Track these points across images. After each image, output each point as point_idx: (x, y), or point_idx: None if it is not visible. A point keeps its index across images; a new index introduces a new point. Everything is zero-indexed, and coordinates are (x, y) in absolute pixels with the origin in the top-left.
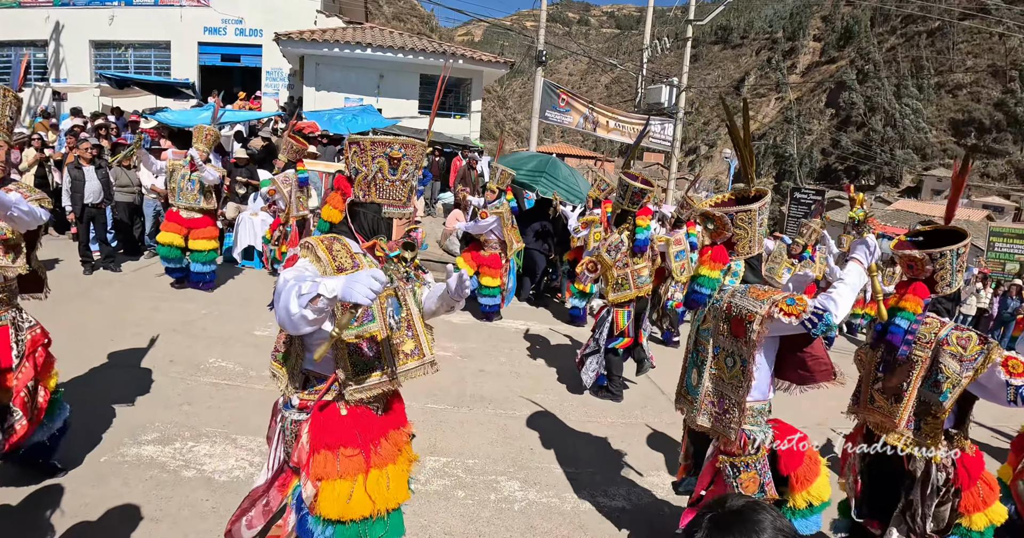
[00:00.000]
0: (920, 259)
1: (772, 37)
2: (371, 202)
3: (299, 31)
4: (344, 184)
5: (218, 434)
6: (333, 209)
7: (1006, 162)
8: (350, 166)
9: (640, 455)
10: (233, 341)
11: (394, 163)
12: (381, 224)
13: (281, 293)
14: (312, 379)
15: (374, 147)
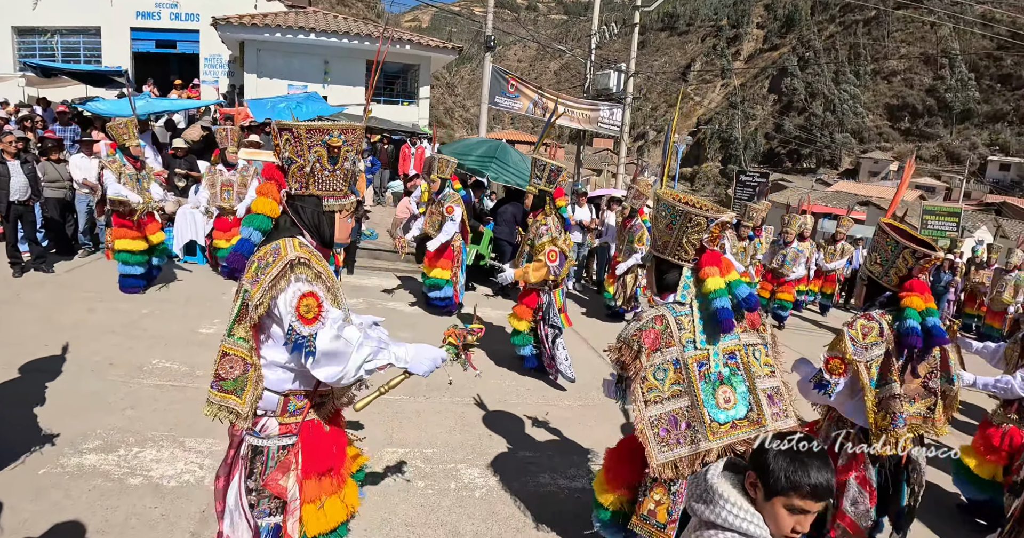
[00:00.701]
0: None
1: (717, 24)
2: (309, 195)
3: (238, 15)
4: (276, 173)
5: (164, 438)
6: (268, 201)
7: (937, 145)
8: (282, 155)
9: (599, 436)
10: (177, 340)
11: (333, 152)
12: (323, 219)
13: (345, 356)
14: (292, 398)
15: (310, 135)
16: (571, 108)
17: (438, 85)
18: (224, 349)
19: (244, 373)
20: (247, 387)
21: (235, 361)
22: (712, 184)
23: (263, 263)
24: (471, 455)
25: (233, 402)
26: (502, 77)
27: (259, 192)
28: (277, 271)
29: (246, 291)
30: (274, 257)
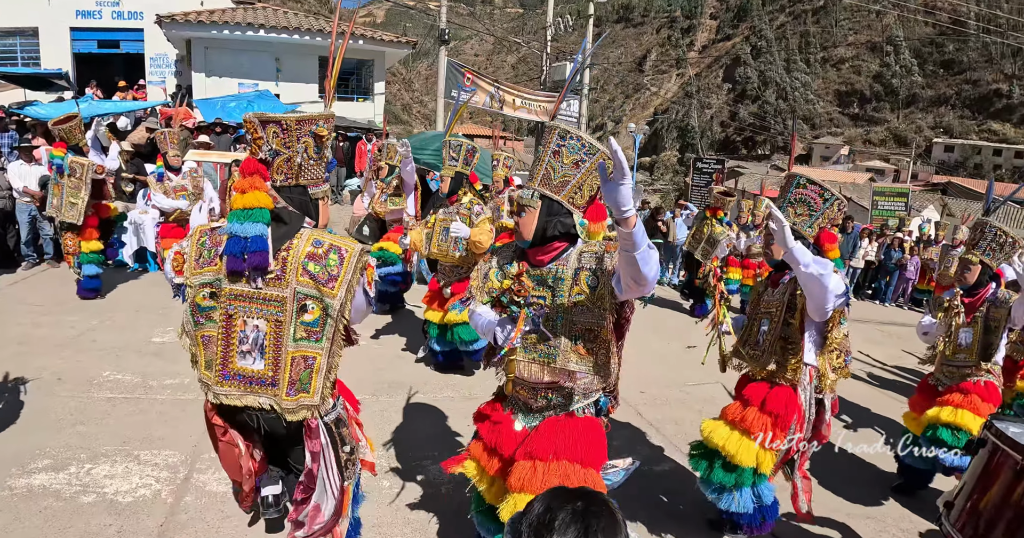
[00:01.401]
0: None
1: (671, 16)
2: (296, 186)
3: (184, 12)
4: (259, 166)
5: (118, 452)
6: (262, 194)
7: (885, 129)
8: (266, 148)
9: None
10: (129, 351)
11: (319, 141)
12: (310, 207)
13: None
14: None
15: (300, 126)
16: (528, 101)
17: (394, 81)
18: (291, 355)
19: (308, 368)
20: (313, 380)
21: (299, 361)
22: (671, 172)
23: (325, 262)
24: (437, 451)
25: (304, 398)
26: (458, 71)
27: (246, 187)
28: (354, 265)
29: (303, 293)
30: (338, 253)
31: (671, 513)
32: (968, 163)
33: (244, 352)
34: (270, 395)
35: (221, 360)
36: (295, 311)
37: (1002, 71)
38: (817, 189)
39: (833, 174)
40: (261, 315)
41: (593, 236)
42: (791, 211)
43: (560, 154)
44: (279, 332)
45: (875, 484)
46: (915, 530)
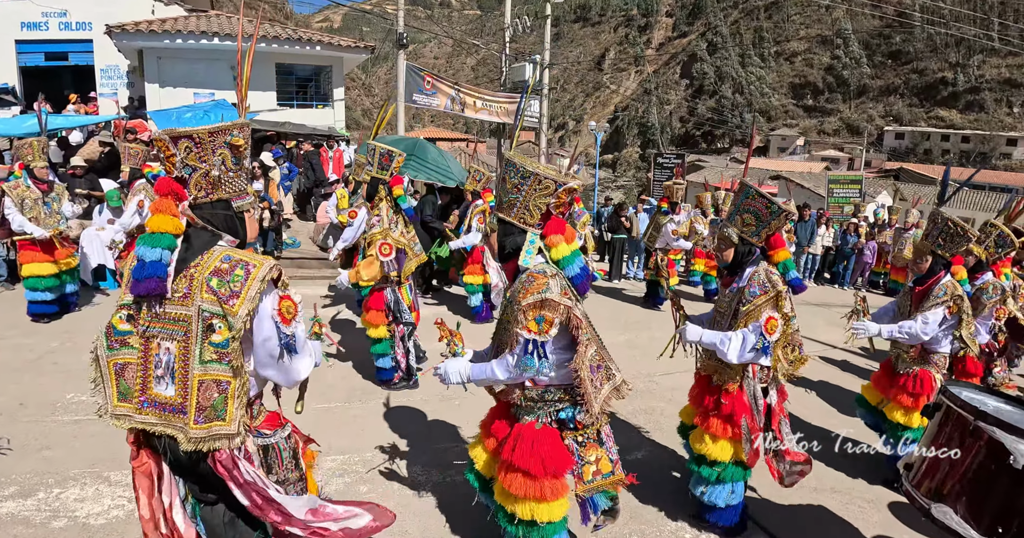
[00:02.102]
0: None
1: (628, 14)
2: (218, 200)
3: (135, 22)
4: (174, 186)
5: (87, 475)
6: (170, 219)
7: (838, 119)
8: (180, 165)
9: None
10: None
11: (236, 152)
12: (235, 221)
13: (310, 350)
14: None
15: (213, 138)
16: (489, 102)
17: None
18: (197, 378)
19: (222, 393)
20: (228, 406)
21: (210, 385)
22: (633, 169)
23: (229, 277)
24: (412, 452)
25: (218, 426)
26: (418, 74)
27: (156, 209)
28: (260, 281)
29: (207, 310)
30: (245, 269)
31: (647, 500)
32: (918, 149)
33: (159, 377)
34: (180, 424)
35: (140, 387)
36: (201, 331)
37: (946, 60)
38: (765, 202)
39: (790, 164)
40: (171, 336)
41: (552, 249)
42: (739, 219)
43: (505, 180)
44: (186, 354)
45: (840, 460)
46: (881, 501)
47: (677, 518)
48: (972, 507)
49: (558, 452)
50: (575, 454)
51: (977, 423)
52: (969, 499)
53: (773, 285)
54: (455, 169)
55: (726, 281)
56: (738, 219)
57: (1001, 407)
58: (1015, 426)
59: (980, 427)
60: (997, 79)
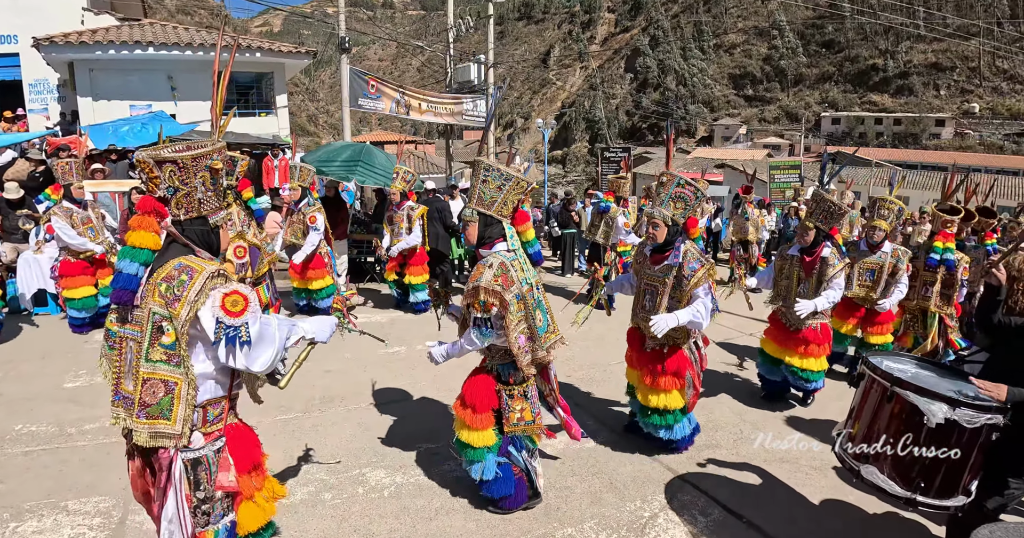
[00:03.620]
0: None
1: (571, 11)
2: (197, 217)
3: (63, 33)
4: (156, 205)
5: (44, 506)
6: (150, 235)
7: (777, 107)
8: (163, 186)
9: None
10: (41, 400)
11: (215, 174)
12: (211, 235)
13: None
14: (210, 407)
15: (196, 162)
16: (434, 104)
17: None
18: (143, 376)
19: (169, 394)
20: (175, 406)
21: (156, 385)
22: (582, 164)
23: (175, 282)
24: (374, 458)
25: (163, 425)
26: (361, 78)
27: (138, 226)
28: (200, 284)
29: (157, 313)
30: (188, 274)
31: (606, 484)
32: (854, 133)
33: (125, 373)
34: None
35: (114, 382)
36: (151, 332)
37: (877, 48)
38: (692, 188)
39: (734, 152)
40: (132, 336)
41: (523, 234)
42: (672, 205)
43: (487, 182)
44: (139, 352)
45: (785, 432)
46: (826, 467)
47: (636, 500)
48: (895, 465)
49: (485, 392)
50: (504, 402)
51: (894, 389)
52: (892, 458)
53: (705, 258)
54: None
55: (656, 258)
56: (671, 204)
57: (920, 372)
58: (927, 389)
59: (896, 392)
60: (924, 64)
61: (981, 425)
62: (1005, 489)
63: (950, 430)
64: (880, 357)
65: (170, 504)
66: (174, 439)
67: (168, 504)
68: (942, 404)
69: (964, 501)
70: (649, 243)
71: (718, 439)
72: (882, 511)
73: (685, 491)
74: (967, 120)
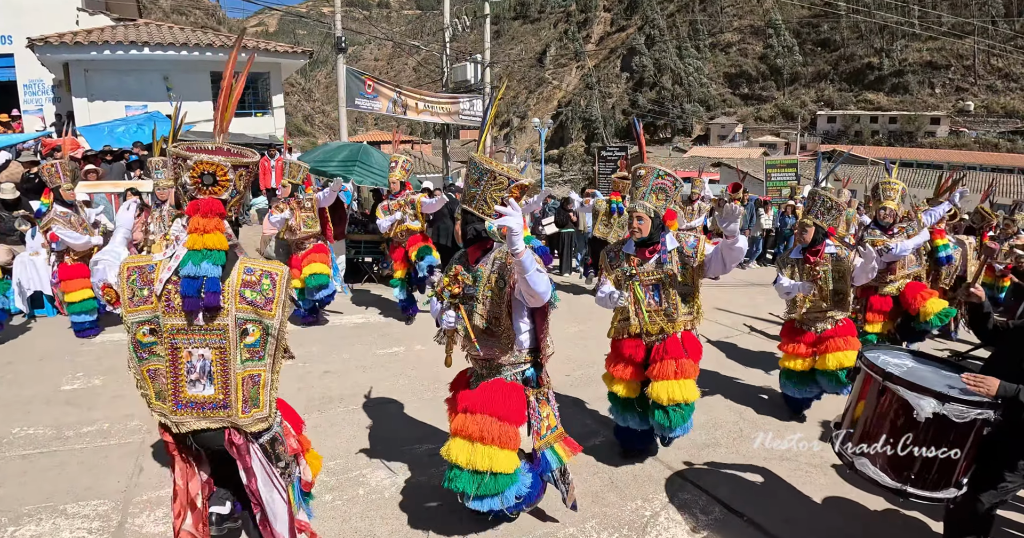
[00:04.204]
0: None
1: (567, 10)
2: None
3: (58, 34)
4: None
5: (43, 510)
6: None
7: (773, 106)
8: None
9: None
10: (38, 403)
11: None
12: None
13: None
14: None
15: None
16: (431, 104)
17: (293, 92)
18: (240, 377)
19: (255, 385)
20: (261, 394)
21: (247, 381)
22: (579, 163)
23: (259, 287)
24: (374, 459)
25: (257, 413)
26: (358, 78)
27: (209, 228)
28: (285, 286)
29: (241, 318)
30: (270, 277)
31: (607, 484)
32: (849, 131)
33: (193, 381)
34: (223, 416)
35: (172, 391)
36: (237, 336)
37: (872, 46)
38: (671, 179)
39: (730, 151)
40: (204, 344)
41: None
42: (654, 197)
43: (468, 176)
44: (225, 358)
45: (785, 431)
46: (826, 465)
47: (637, 499)
48: (888, 458)
49: (522, 401)
50: (535, 410)
51: (885, 383)
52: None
53: (696, 233)
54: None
55: (643, 254)
56: (652, 197)
57: (917, 367)
58: (916, 384)
59: (888, 387)
60: (919, 62)
61: (972, 420)
62: (1000, 483)
63: (942, 424)
64: (878, 351)
65: (261, 478)
66: (267, 421)
67: (259, 479)
68: (931, 399)
69: (955, 493)
70: (635, 238)
71: (718, 437)
72: (882, 508)
73: (686, 490)
74: (962, 118)
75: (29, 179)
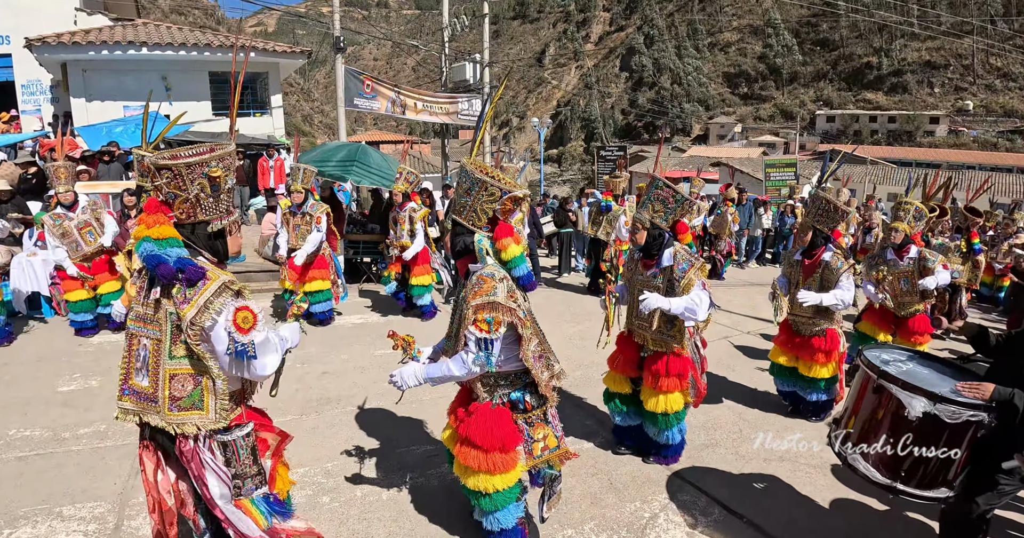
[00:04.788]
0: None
1: (566, 10)
2: (198, 221)
3: (56, 34)
4: (161, 206)
5: (39, 512)
6: (168, 227)
7: (772, 105)
8: (164, 191)
9: None
10: (35, 404)
11: (214, 181)
12: (216, 241)
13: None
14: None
15: (191, 170)
16: (430, 104)
17: (292, 91)
18: (169, 372)
19: (197, 386)
20: (205, 397)
21: (185, 379)
22: (578, 163)
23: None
24: (372, 460)
25: (197, 416)
26: (357, 78)
27: (151, 222)
28: (211, 292)
29: (173, 313)
30: (204, 283)
31: (605, 486)
32: (848, 131)
33: (138, 369)
34: (153, 410)
35: (123, 376)
36: (171, 331)
37: (871, 45)
38: (671, 191)
39: (729, 151)
40: (147, 335)
41: (502, 251)
42: (651, 207)
43: (459, 185)
44: (158, 350)
45: (785, 432)
46: (826, 466)
47: (636, 500)
48: (881, 455)
49: (507, 429)
50: (524, 433)
51: (879, 381)
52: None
53: (695, 257)
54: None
55: (647, 263)
56: (649, 206)
57: (916, 368)
58: (910, 383)
59: (882, 385)
60: (918, 62)
61: (964, 421)
62: (996, 486)
63: (934, 424)
64: (879, 351)
65: (213, 482)
66: (210, 426)
67: (211, 483)
68: (922, 398)
69: (947, 493)
70: (635, 246)
71: (718, 438)
72: (883, 509)
73: (685, 491)
74: (961, 118)
75: (27, 179)
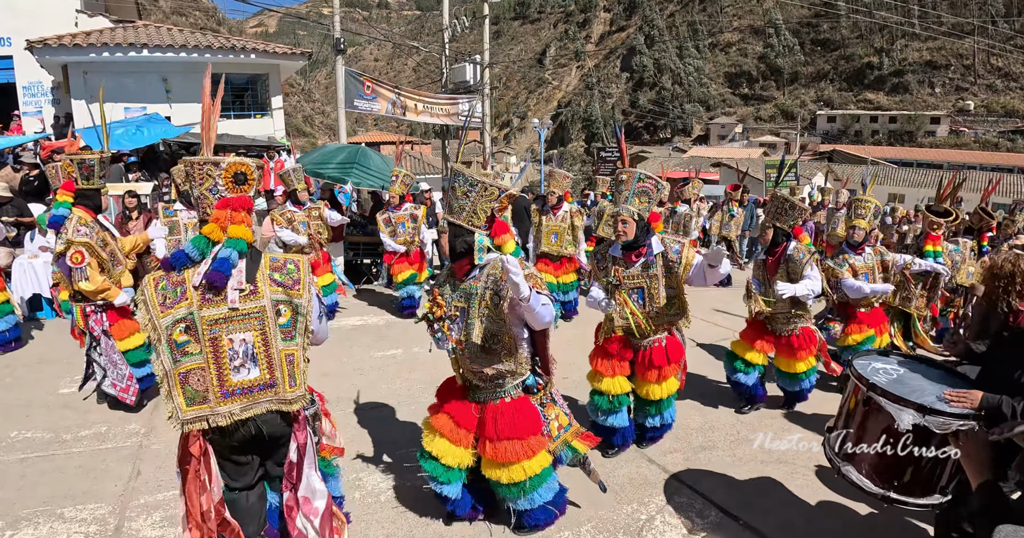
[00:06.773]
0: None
1: (566, 10)
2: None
3: (57, 36)
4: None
5: (40, 514)
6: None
7: (772, 106)
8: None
9: None
10: (36, 406)
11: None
12: None
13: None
14: None
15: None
16: (430, 105)
17: (293, 93)
18: (284, 353)
19: (291, 364)
20: (296, 373)
21: (292, 357)
22: (579, 163)
23: (286, 271)
24: (371, 462)
25: (300, 393)
26: (357, 79)
27: (238, 220)
28: (307, 269)
29: (275, 299)
30: (293, 264)
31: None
32: (849, 131)
33: (237, 367)
34: (271, 396)
35: (217, 382)
36: (274, 317)
37: (872, 46)
38: (652, 181)
39: (729, 151)
40: (244, 329)
41: (502, 248)
42: (637, 201)
43: (455, 188)
44: (266, 339)
45: (782, 433)
46: (823, 468)
47: (632, 503)
48: (873, 465)
49: (534, 411)
50: (541, 414)
51: (869, 394)
52: (870, 458)
53: (677, 237)
54: None
55: (630, 258)
56: (635, 201)
57: (907, 375)
58: (898, 395)
59: (871, 397)
60: (919, 62)
61: (955, 431)
62: None
63: (926, 434)
64: (868, 359)
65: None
66: (303, 401)
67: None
68: (911, 410)
69: (940, 500)
70: (620, 241)
71: (715, 440)
72: (880, 512)
73: (682, 493)
74: (962, 118)
75: (29, 182)
